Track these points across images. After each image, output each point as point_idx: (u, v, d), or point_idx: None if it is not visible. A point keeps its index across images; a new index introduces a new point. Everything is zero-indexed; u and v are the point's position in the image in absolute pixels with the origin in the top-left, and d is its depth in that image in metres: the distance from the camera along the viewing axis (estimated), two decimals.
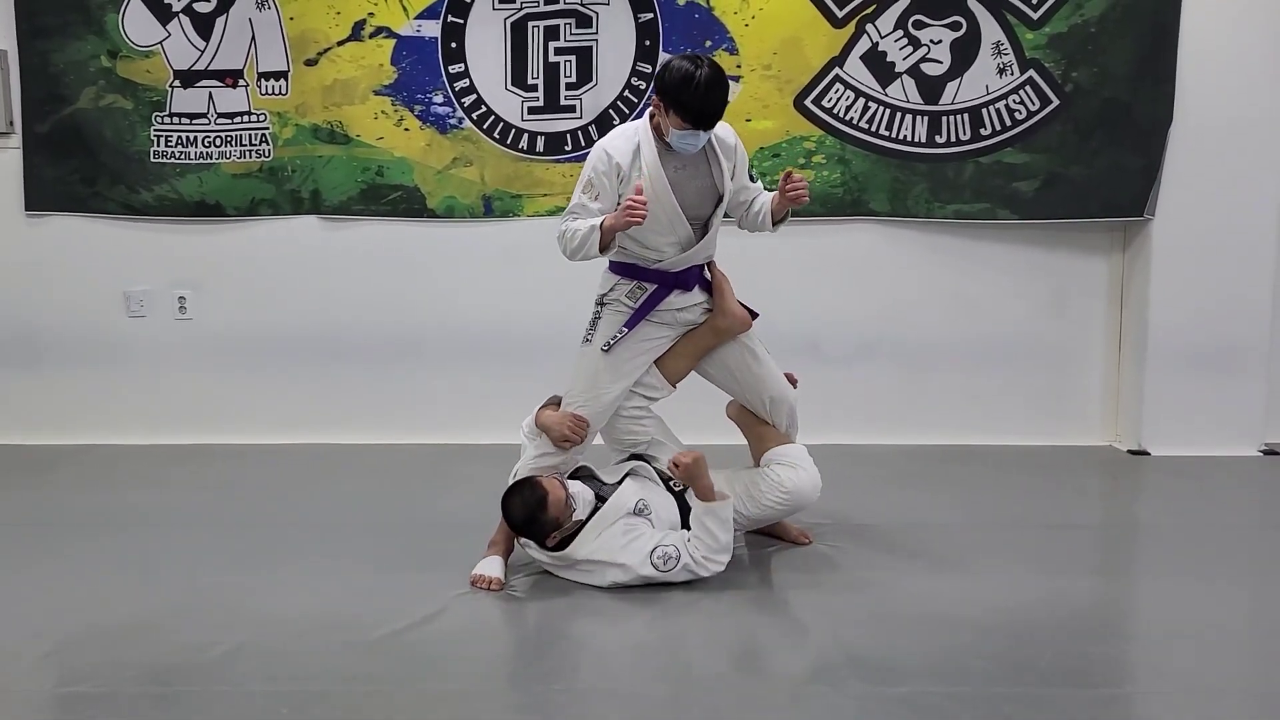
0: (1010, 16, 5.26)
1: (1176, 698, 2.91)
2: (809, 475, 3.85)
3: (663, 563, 3.51)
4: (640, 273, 3.80)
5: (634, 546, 3.53)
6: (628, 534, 3.55)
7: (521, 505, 3.56)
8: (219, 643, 3.18)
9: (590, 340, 3.84)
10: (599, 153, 3.68)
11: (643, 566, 3.51)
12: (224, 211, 5.53)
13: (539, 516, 3.54)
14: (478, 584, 3.62)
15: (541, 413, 3.85)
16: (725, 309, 3.84)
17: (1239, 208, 5.28)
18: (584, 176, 3.69)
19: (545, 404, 3.90)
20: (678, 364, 3.92)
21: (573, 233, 3.63)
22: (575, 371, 3.87)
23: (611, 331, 3.80)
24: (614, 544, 3.54)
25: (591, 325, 3.86)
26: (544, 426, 3.80)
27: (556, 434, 3.76)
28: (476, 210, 5.52)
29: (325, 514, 4.46)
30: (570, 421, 3.76)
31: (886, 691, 2.91)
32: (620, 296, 3.82)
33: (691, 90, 3.46)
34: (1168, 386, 5.36)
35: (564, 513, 3.54)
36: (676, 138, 3.56)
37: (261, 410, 5.61)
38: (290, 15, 5.36)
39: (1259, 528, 4.44)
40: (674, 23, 5.31)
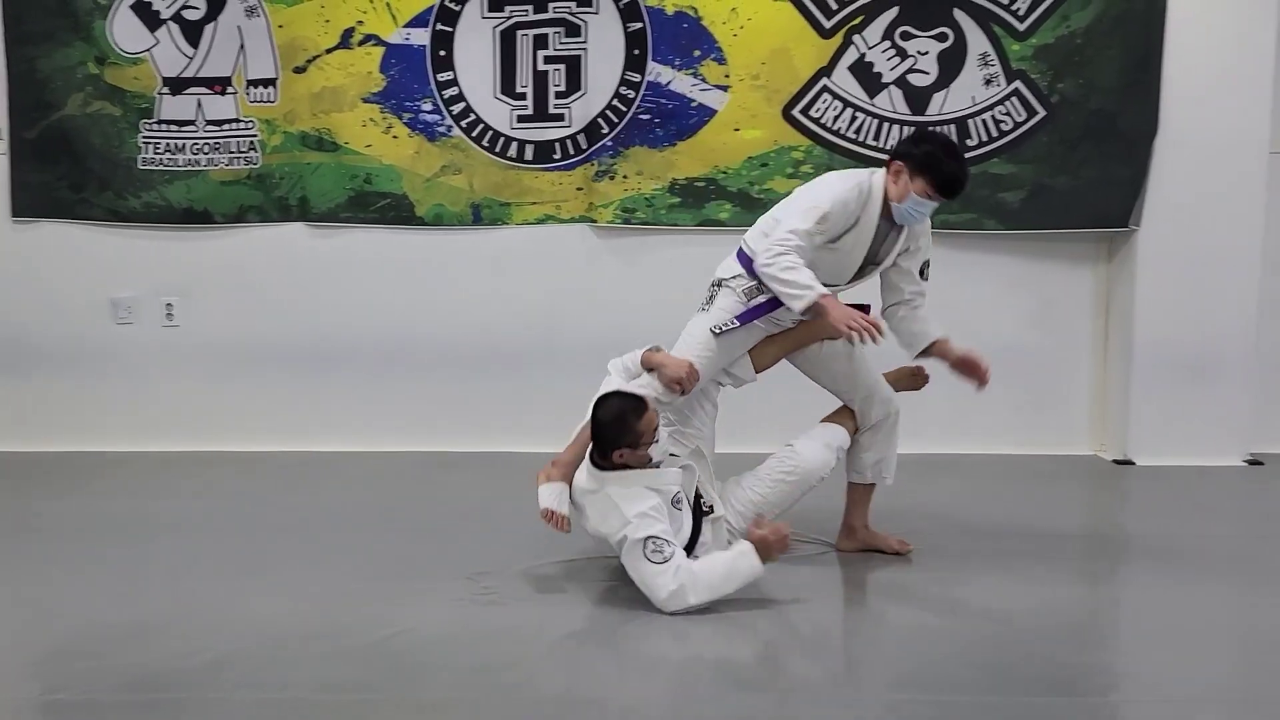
0: (997, 28, 5.29)
1: (1162, 706, 2.92)
2: (819, 449, 3.82)
3: (652, 552, 3.41)
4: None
5: (648, 521, 3.44)
6: (654, 508, 3.47)
7: (619, 404, 3.53)
8: (204, 650, 3.16)
9: (708, 311, 3.85)
10: (846, 189, 3.71)
11: (635, 543, 3.41)
12: (212, 218, 5.52)
13: (629, 420, 3.49)
14: (548, 520, 3.62)
15: (654, 354, 3.79)
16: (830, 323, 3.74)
17: (1224, 219, 5.31)
18: (820, 203, 3.68)
19: (649, 349, 3.83)
20: (767, 355, 3.94)
21: (787, 267, 3.60)
22: (689, 334, 3.86)
23: (723, 315, 3.81)
24: (638, 503, 3.46)
25: (709, 300, 3.87)
26: (657, 364, 3.74)
27: (672, 374, 3.71)
28: (465, 218, 5.52)
29: (311, 521, 4.45)
30: (688, 368, 3.73)
31: (874, 700, 2.91)
32: (738, 288, 3.82)
33: (950, 160, 3.68)
34: (1153, 396, 5.38)
35: (648, 436, 3.50)
36: (911, 204, 3.69)
37: (249, 417, 5.60)
38: (279, 23, 5.36)
39: (1243, 537, 4.45)
40: (662, 32, 5.33)
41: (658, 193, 5.45)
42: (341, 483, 5.05)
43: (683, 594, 3.39)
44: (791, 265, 3.59)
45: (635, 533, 3.42)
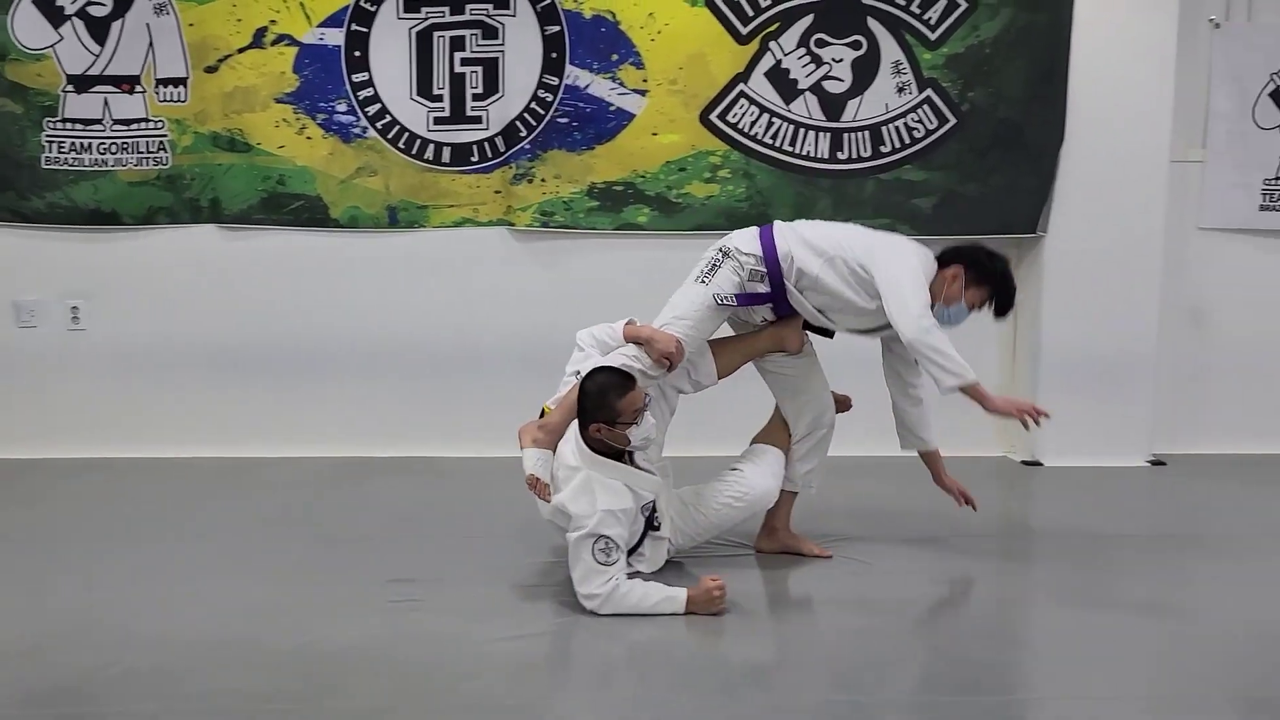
0: (909, 36, 5.38)
1: (1066, 704, 2.98)
2: (768, 479, 3.85)
3: (601, 551, 3.42)
4: (776, 280, 3.82)
5: (608, 522, 3.42)
6: (621, 511, 3.45)
7: (607, 378, 3.50)
8: (111, 664, 3.09)
9: (706, 283, 3.81)
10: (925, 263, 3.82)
11: (586, 537, 3.40)
12: (120, 220, 5.41)
13: (610, 396, 3.47)
14: (533, 487, 3.59)
15: (639, 327, 3.76)
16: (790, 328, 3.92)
17: (1127, 226, 5.45)
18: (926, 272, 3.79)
19: (627, 322, 3.81)
20: (732, 359, 3.96)
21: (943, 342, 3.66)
22: (681, 305, 3.82)
23: (727, 286, 3.80)
24: (608, 498, 3.45)
25: (710, 270, 3.83)
26: (646, 339, 3.71)
27: (663, 348, 3.70)
28: (381, 220, 5.47)
29: (223, 530, 4.37)
30: (678, 343, 3.72)
31: (784, 700, 2.95)
32: (746, 268, 3.81)
33: (1013, 283, 3.88)
34: (1059, 399, 5.46)
35: (629, 414, 3.47)
36: (957, 310, 3.84)
37: (158, 423, 5.49)
38: (190, 21, 5.26)
39: (1147, 536, 4.58)
40: (580, 36, 5.33)
41: (576, 196, 5.45)
42: (256, 489, 4.97)
43: (603, 603, 3.43)
44: (947, 343, 3.66)
45: (597, 526, 3.42)
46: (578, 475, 3.52)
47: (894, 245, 3.85)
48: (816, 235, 3.86)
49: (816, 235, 3.86)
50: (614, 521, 3.44)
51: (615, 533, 3.44)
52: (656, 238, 5.48)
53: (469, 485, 5.03)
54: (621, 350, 3.74)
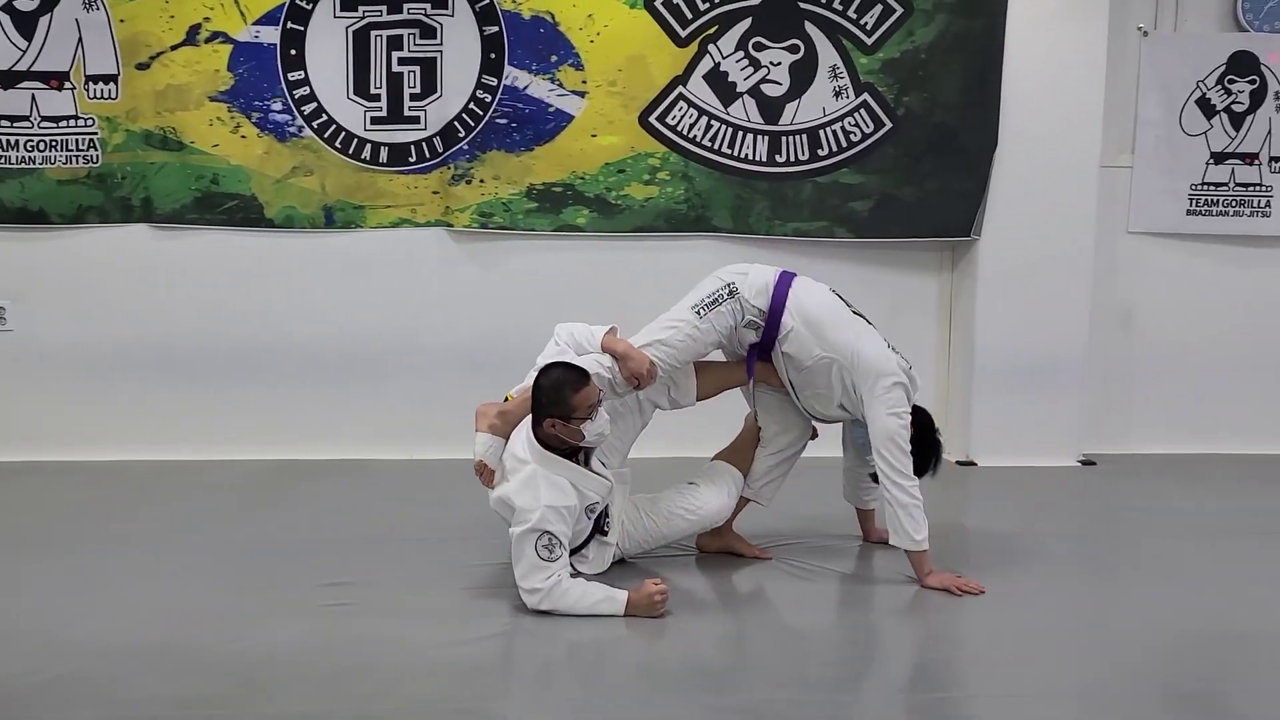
0: (846, 41, 5.43)
1: (1003, 700, 3.03)
2: (723, 500, 3.90)
3: (544, 547, 3.41)
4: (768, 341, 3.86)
5: (552, 518, 3.41)
6: (566, 508, 3.44)
7: (563, 374, 3.49)
8: (39, 671, 3.03)
9: (701, 316, 3.81)
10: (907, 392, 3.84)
11: (530, 532, 3.40)
12: (48, 219, 5.30)
13: (565, 392, 3.46)
14: (479, 473, 3.59)
15: (616, 340, 3.75)
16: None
17: (1059, 230, 5.54)
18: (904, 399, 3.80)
19: (609, 330, 3.79)
20: (714, 385, 3.99)
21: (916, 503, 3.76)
22: (668, 331, 3.81)
23: (723, 323, 3.82)
24: (554, 494, 3.44)
25: (711, 304, 3.83)
26: (621, 355, 3.70)
27: (634, 368, 3.69)
28: (317, 220, 5.41)
29: (154, 534, 4.31)
30: (651, 365, 3.72)
31: (731, 701, 2.96)
32: (746, 315, 3.83)
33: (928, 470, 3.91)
34: (993, 400, 5.59)
35: (582, 411, 3.46)
36: None
37: (88, 426, 5.39)
38: (120, 17, 5.17)
39: (1079, 534, 4.66)
40: (519, 36, 5.32)
41: (515, 197, 5.43)
42: (187, 493, 4.89)
43: (543, 599, 3.43)
44: (919, 503, 3.75)
45: (540, 522, 3.42)
46: (525, 469, 3.51)
47: (889, 383, 3.78)
48: (821, 320, 3.85)
49: (821, 320, 3.85)
50: (557, 518, 3.43)
51: (558, 529, 3.43)
52: (595, 239, 5.48)
53: (404, 488, 4.99)
54: (596, 358, 3.74)
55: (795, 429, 4.05)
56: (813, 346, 3.81)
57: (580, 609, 3.44)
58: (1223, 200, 5.81)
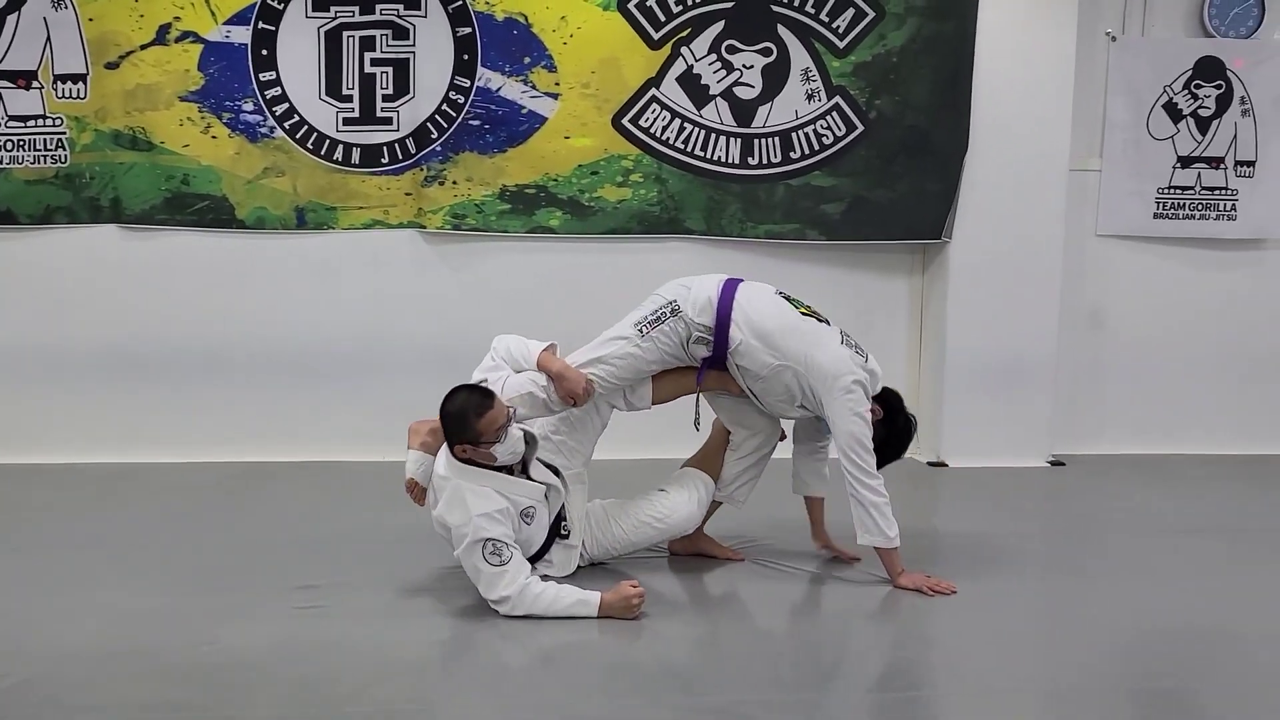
0: (818, 44, 5.45)
1: (973, 698, 3.05)
2: (692, 507, 3.88)
3: (490, 553, 3.41)
4: (719, 355, 3.81)
5: (489, 524, 3.41)
6: (499, 512, 3.44)
7: (464, 401, 3.46)
8: (5, 675, 3.00)
9: (644, 334, 3.77)
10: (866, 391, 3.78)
11: (475, 544, 3.40)
12: (15, 219, 5.26)
13: (469, 418, 3.43)
14: (410, 491, 3.60)
15: (552, 359, 3.72)
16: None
17: (1028, 233, 5.58)
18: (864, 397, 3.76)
19: (546, 348, 3.76)
20: (670, 391, 3.93)
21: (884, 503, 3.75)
22: (611, 350, 3.78)
23: (668, 341, 3.77)
24: (483, 505, 3.43)
25: (654, 321, 3.78)
26: (561, 376, 3.68)
27: (570, 388, 3.67)
28: (289, 222, 5.39)
29: (121, 536, 4.27)
30: (586, 383, 3.70)
31: (702, 701, 2.96)
32: (692, 331, 3.77)
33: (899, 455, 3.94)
34: (964, 402, 5.62)
35: (490, 435, 3.44)
36: None
37: (55, 428, 5.35)
38: (89, 16, 5.14)
39: (1048, 534, 4.70)
40: (492, 38, 5.31)
41: (488, 199, 5.43)
42: (155, 495, 4.86)
43: (514, 605, 3.42)
44: (887, 500, 3.74)
45: (476, 533, 3.41)
46: (448, 485, 3.51)
47: (847, 383, 3.72)
48: (769, 330, 3.77)
49: (769, 330, 3.77)
50: (492, 523, 3.42)
51: (499, 533, 3.42)
52: (568, 241, 5.48)
53: (375, 490, 4.96)
54: (531, 376, 3.73)
55: (763, 431, 4.04)
56: (764, 356, 3.76)
57: (555, 611, 3.44)
58: (1189, 204, 5.87)
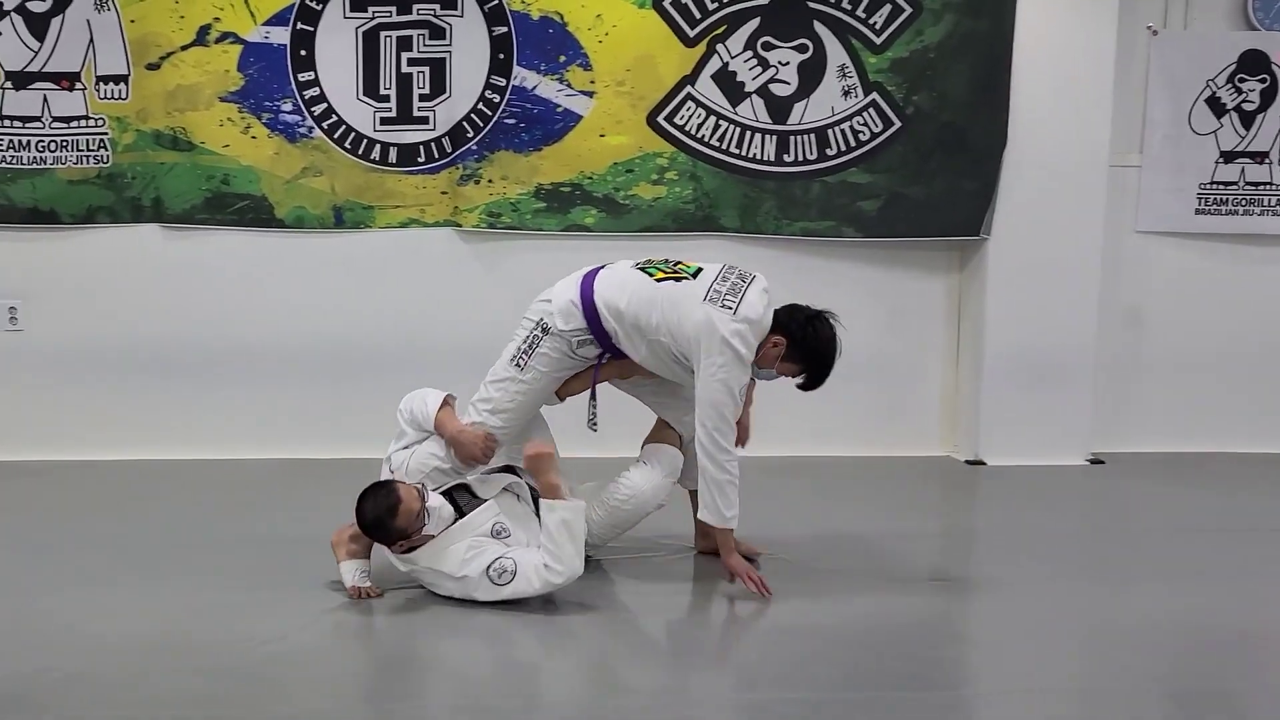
0: (854, 41, 5.43)
1: (1013, 698, 3.03)
2: (655, 478, 3.80)
3: (498, 575, 3.46)
4: (606, 344, 3.72)
5: (475, 563, 3.49)
6: (471, 550, 3.52)
7: (373, 508, 3.49)
8: (51, 670, 3.04)
9: (523, 367, 3.72)
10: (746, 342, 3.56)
11: (480, 583, 3.47)
12: (59, 219, 5.32)
13: (386, 523, 3.47)
14: (360, 596, 3.58)
15: (444, 417, 3.74)
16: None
17: (1067, 229, 5.54)
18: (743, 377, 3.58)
19: (442, 403, 3.78)
20: (574, 385, 3.88)
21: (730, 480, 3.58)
22: (499, 394, 3.75)
23: (551, 362, 3.71)
24: (455, 558, 3.50)
25: (528, 350, 3.72)
26: (455, 442, 3.71)
27: (467, 454, 3.70)
28: (327, 221, 5.43)
29: (164, 533, 4.32)
30: (484, 444, 3.70)
31: (737, 698, 2.97)
32: (571, 339, 3.69)
33: (831, 365, 3.68)
34: (1002, 399, 5.59)
35: (413, 525, 3.48)
36: (769, 373, 3.68)
37: (97, 425, 5.41)
38: (131, 18, 5.19)
39: (1087, 533, 4.67)
40: (528, 37, 5.32)
41: (523, 197, 5.44)
42: (195, 492, 4.91)
43: (550, 579, 3.44)
44: (733, 480, 3.57)
45: (472, 586, 3.47)
46: (418, 570, 3.56)
47: (716, 344, 3.53)
48: (623, 309, 3.64)
49: (623, 309, 3.64)
50: (475, 562, 3.48)
51: (487, 558, 3.48)
52: (604, 239, 5.48)
53: None
54: (430, 449, 3.75)
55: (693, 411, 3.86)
56: (638, 339, 3.64)
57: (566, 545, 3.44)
58: (1232, 199, 5.81)
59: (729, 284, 3.62)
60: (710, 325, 3.52)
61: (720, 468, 3.56)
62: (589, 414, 3.84)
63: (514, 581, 3.46)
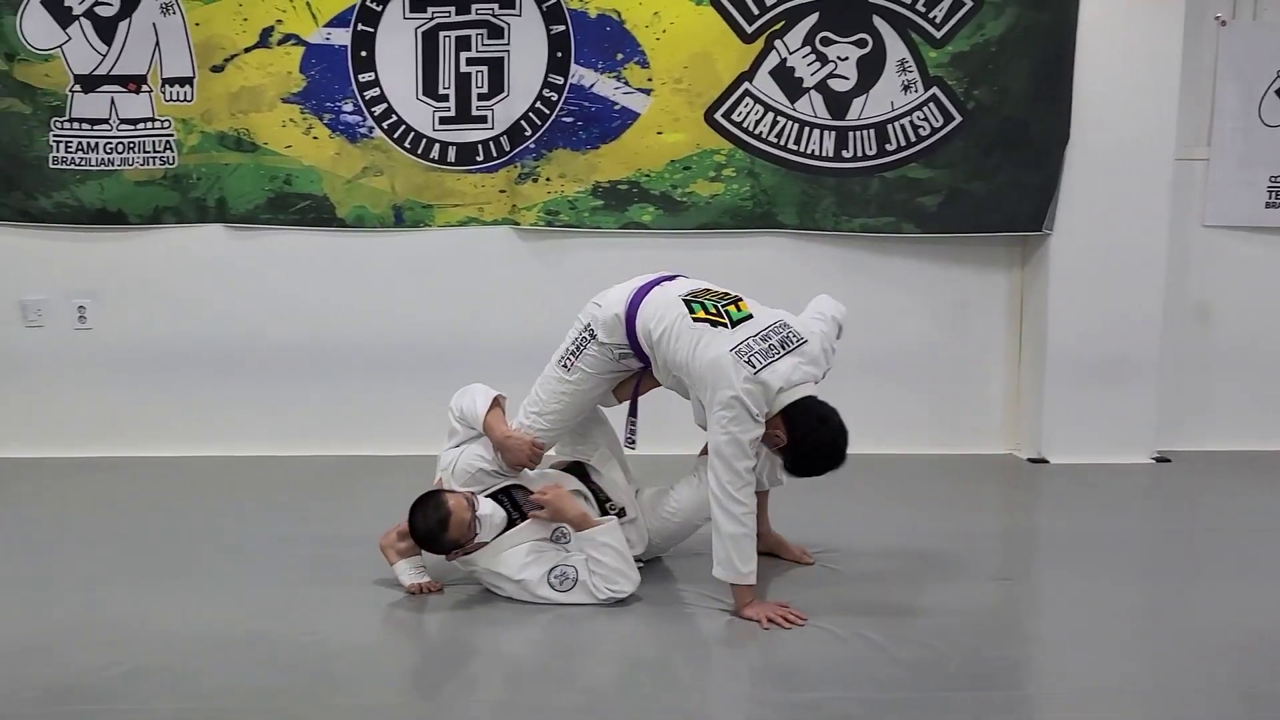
0: (914, 35, 5.38)
1: (1075, 698, 3.00)
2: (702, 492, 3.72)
3: (559, 582, 3.52)
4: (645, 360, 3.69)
5: (533, 568, 3.53)
6: (531, 554, 3.55)
7: (424, 522, 3.53)
8: (119, 662, 3.10)
9: (569, 368, 3.74)
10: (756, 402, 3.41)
11: (539, 586, 3.52)
12: (126, 219, 5.42)
13: (439, 536, 3.51)
14: (420, 592, 3.62)
15: (493, 419, 3.77)
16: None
17: (1132, 224, 5.44)
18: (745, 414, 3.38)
19: (492, 404, 3.80)
20: (626, 387, 3.89)
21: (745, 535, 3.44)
22: (546, 395, 3.78)
23: (598, 366, 3.71)
24: (515, 561, 3.54)
25: (575, 352, 3.74)
26: (502, 446, 3.74)
27: (515, 459, 3.73)
28: (387, 220, 5.48)
29: (228, 528, 4.39)
30: (531, 450, 3.73)
31: (798, 698, 2.95)
32: (615, 351, 3.70)
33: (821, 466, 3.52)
34: (1065, 396, 5.51)
35: (466, 535, 3.51)
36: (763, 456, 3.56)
37: (162, 422, 5.50)
38: (196, 21, 5.27)
39: (1152, 532, 4.59)
40: (586, 35, 5.33)
41: (581, 195, 5.46)
42: (257, 488, 4.98)
43: (611, 591, 3.51)
44: (749, 533, 3.43)
45: (538, 586, 3.53)
46: (477, 571, 3.62)
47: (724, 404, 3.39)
48: (656, 338, 3.59)
49: (656, 338, 3.59)
50: (536, 564, 3.54)
51: (547, 565, 3.53)
52: (661, 236, 5.48)
53: None
54: (478, 451, 3.77)
55: None
56: (664, 373, 3.63)
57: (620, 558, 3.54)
58: None
59: (767, 344, 3.49)
60: (719, 372, 3.40)
61: (734, 520, 3.41)
62: (626, 430, 3.82)
63: (574, 590, 3.52)
